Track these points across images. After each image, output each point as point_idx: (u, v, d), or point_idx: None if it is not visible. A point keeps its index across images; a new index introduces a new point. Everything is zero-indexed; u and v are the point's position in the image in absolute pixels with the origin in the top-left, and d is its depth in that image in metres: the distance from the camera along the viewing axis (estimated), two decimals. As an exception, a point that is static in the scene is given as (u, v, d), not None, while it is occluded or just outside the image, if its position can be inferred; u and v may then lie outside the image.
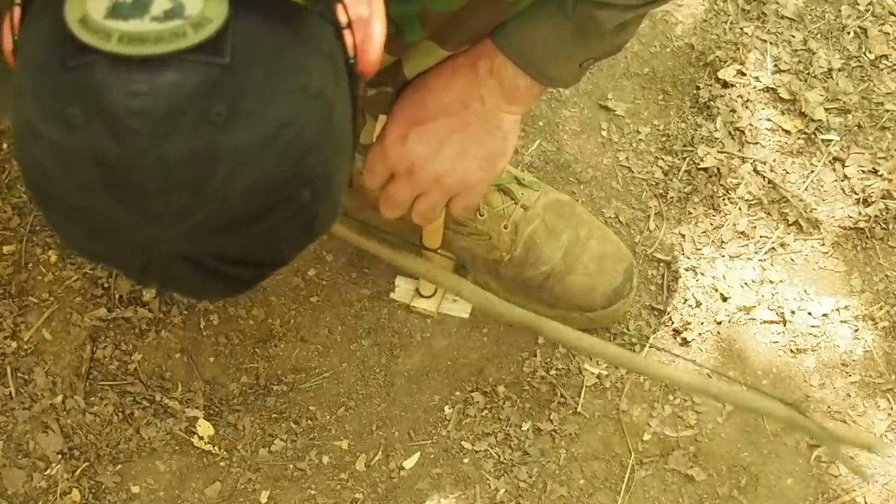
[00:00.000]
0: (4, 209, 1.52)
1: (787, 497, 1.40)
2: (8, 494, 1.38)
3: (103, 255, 0.80)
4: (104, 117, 0.69)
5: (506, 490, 1.40)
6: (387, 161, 1.15)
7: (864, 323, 1.49)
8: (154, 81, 0.69)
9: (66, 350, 1.45)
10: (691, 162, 1.58)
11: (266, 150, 0.72)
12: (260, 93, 0.71)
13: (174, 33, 0.69)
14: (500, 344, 1.48)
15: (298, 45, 0.74)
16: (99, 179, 0.71)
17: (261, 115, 0.72)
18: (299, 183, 0.76)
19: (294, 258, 0.84)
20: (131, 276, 0.81)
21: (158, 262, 0.76)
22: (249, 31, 0.71)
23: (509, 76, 1.09)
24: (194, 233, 0.73)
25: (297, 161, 0.74)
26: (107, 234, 0.75)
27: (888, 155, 1.59)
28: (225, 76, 0.70)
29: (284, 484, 1.40)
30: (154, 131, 0.69)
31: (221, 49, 0.70)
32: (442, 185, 1.14)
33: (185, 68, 0.69)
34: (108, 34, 0.69)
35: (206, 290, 0.82)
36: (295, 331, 1.48)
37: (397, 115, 1.13)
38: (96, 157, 0.70)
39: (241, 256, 0.78)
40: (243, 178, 0.72)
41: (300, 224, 0.78)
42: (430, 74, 1.12)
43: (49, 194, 0.75)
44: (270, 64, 0.72)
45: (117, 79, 0.69)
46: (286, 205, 0.76)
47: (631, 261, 1.46)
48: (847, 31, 1.67)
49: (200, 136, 0.70)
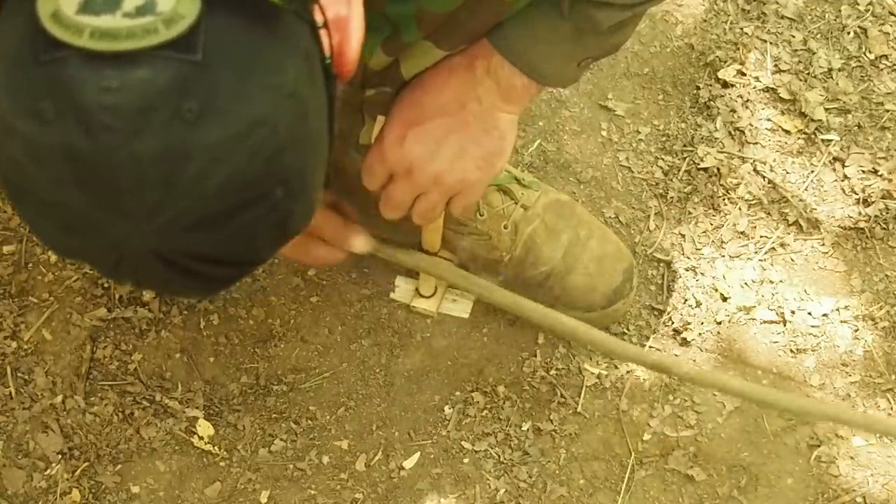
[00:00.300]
0: (4, 209, 1.52)
1: (787, 497, 1.40)
2: (8, 494, 1.38)
3: (76, 251, 0.80)
4: (76, 113, 0.69)
5: (506, 490, 1.40)
6: (385, 162, 1.15)
7: (864, 323, 1.49)
8: (125, 77, 0.69)
9: (66, 350, 1.45)
10: (691, 162, 1.58)
11: (238, 147, 0.72)
12: (232, 90, 0.71)
13: (146, 29, 0.68)
14: (500, 344, 1.48)
15: (273, 44, 0.74)
16: (71, 175, 0.71)
17: (233, 113, 0.72)
18: (272, 181, 0.75)
19: (269, 258, 0.84)
20: (105, 272, 0.81)
21: (130, 258, 0.76)
22: (222, 28, 0.71)
23: (506, 76, 1.09)
24: (166, 230, 0.73)
25: (270, 159, 0.74)
26: (79, 230, 0.75)
27: (888, 155, 1.59)
28: (196, 73, 0.70)
29: (284, 484, 1.40)
30: (125, 127, 0.69)
31: (193, 46, 0.70)
32: (441, 185, 1.15)
33: (157, 65, 0.69)
34: (80, 29, 0.68)
35: (179, 288, 0.82)
36: (295, 331, 1.48)
37: (395, 115, 1.13)
38: (68, 153, 0.70)
39: (213, 254, 0.78)
40: (215, 175, 0.72)
41: (273, 222, 0.78)
42: (427, 75, 1.12)
43: (22, 189, 0.75)
44: (243, 62, 0.72)
45: (89, 74, 0.69)
46: (259, 203, 0.75)
47: (631, 261, 1.46)
48: (847, 31, 1.67)
49: (172, 132, 0.70)
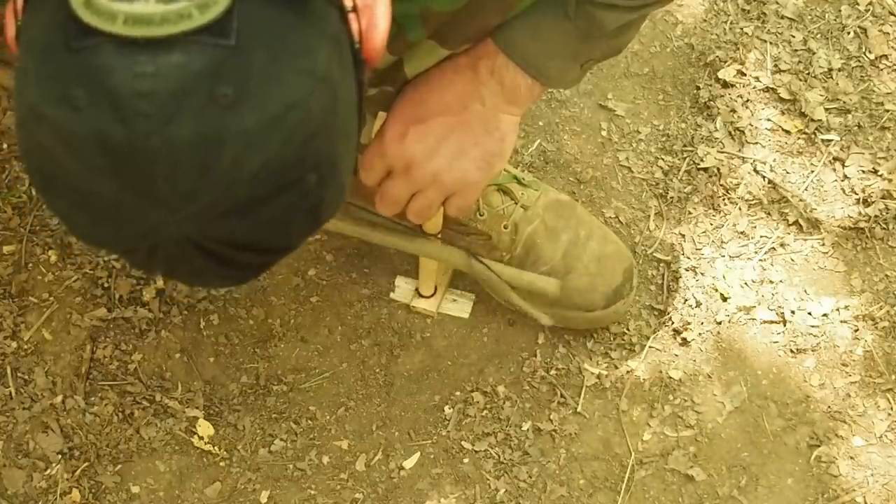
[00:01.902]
0: (4, 209, 1.52)
1: (787, 497, 1.40)
2: (8, 494, 1.38)
3: (109, 240, 0.79)
4: (109, 99, 0.69)
5: (506, 490, 1.40)
6: (385, 158, 1.15)
7: (864, 323, 1.49)
8: (160, 63, 0.69)
9: (66, 350, 1.45)
10: (691, 162, 1.58)
11: (272, 132, 0.72)
12: (266, 74, 0.71)
13: (180, 15, 0.68)
14: (500, 344, 1.48)
15: (303, 27, 0.74)
16: (104, 162, 0.71)
17: (267, 97, 0.71)
18: (305, 167, 0.75)
19: (300, 244, 0.84)
20: (137, 262, 0.81)
21: (164, 247, 0.76)
22: (254, 12, 0.71)
23: (510, 77, 1.09)
24: (201, 217, 0.73)
25: (303, 144, 0.74)
26: (112, 219, 0.75)
27: (888, 155, 1.59)
28: (231, 58, 0.70)
29: (284, 484, 1.40)
30: (160, 113, 0.69)
31: (227, 30, 0.69)
32: (438, 183, 1.15)
33: (191, 50, 0.69)
34: (114, 16, 0.68)
35: (211, 276, 0.81)
36: (295, 331, 1.48)
37: (397, 112, 1.13)
38: (101, 140, 0.70)
39: (247, 241, 0.77)
40: (250, 161, 0.72)
41: (306, 208, 0.78)
42: (431, 73, 1.12)
43: (53, 179, 0.75)
44: (276, 45, 0.72)
45: (122, 60, 0.69)
46: (292, 189, 0.75)
47: (631, 261, 1.46)
48: (847, 31, 1.67)
49: (207, 118, 0.70)
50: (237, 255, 0.78)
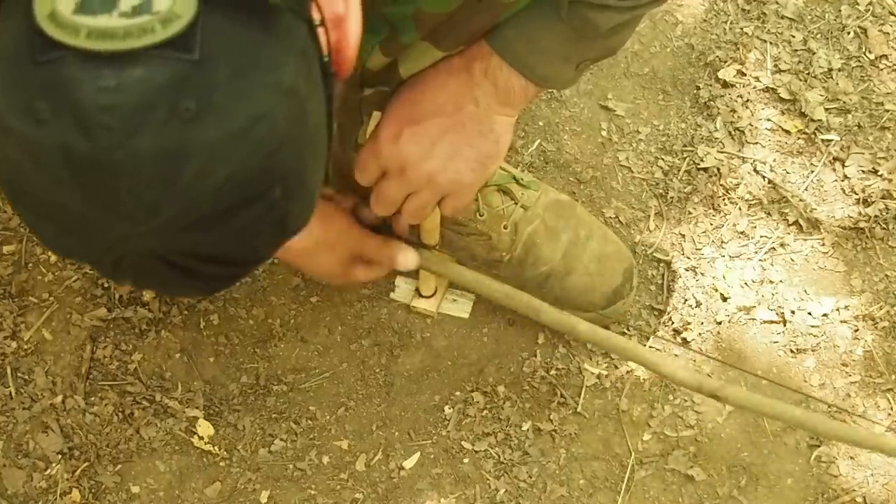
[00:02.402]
0: (4, 209, 1.52)
1: (787, 497, 1.40)
2: (8, 494, 1.38)
3: (75, 251, 0.79)
4: (73, 113, 0.69)
5: (506, 490, 1.40)
6: (379, 158, 1.15)
7: (864, 323, 1.49)
8: (123, 77, 0.69)
9: (66, 350, 1.45)
10: (691, 162, 1.58)
11: (236, 145, 0.72)
12: (230, 88, 0.71)
13: (143, 29, 0.68)
14: (500, 344, 1.48)
15: (270, 42, 0.74)
16: (68, 175, 0.71)
17: (231, 111, 0.71)
18: (271, 180, 0.75)
19: (268, 256, 0.84)
20: (104, 272, 0.81)
21: (129, 259, 0.76)
22: (219, 26, 0.71)
23: (504, 78, 1.09)
24: (165, 230, 0.73)
25: (269, 157, 0.74)
26: (78, 231, 0.75)
27: (888, 155, 1.59)
28: (194, 72, 0.70)
29: (284, 484, 1.40)
30: (123, 127, 0.69)
31: (190, 45, 0.69)
32: (433, 184, 1.15)
33: (154, 64, 0.69)
34: (77, 29, 0.68)
35: (179, 287, 0.81)
36: (295, 331, 1.48)
37: (391, 113, 1.14)
38: (65, 153, 0.70)
39: (212, 254, 0.77)
40: (214, 174, 0.72)
41: (272, 221, 0.78)
42: (425, 74, 1.12)
43: (20, 190, 0.75)
44: (241, 60, 0.72)
45: (86, 74, 0.69)
46: (258, 202, 0.75)
47: (631, 261, 1.46)
48: (847, 31, 1.67)
49: (170, 131, 0.70)
50: (203, 267, 0.78)
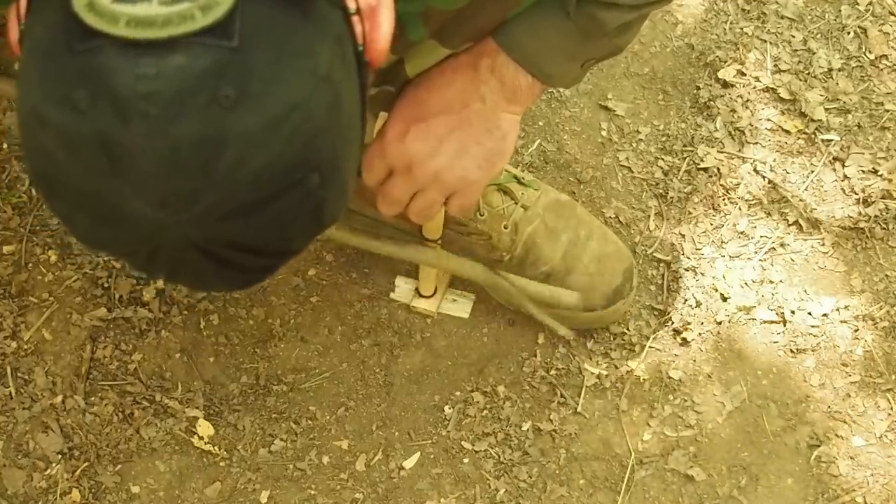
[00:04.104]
0: (4, 209, 1.51)
1: (787, 497, 1.40)
2: (8, 494, 1.38)
3: (110, 243, 0.79)
4: (112, 101, 0.69)
5: (506, 490, 1.40)
6: (386, 157, 1.15)
7: (864, 323, 1.49)
8: (162, 65, 0.68)
9: (66, 350, 1.45)
10: (691, 162, 1.58)
11: (274, 133, 0.72)
12: (268, 75, 0.71)
13: (182, 16, 0.68)
14: (500, 344, 1.48)
15: (306, 28, 0.74)
16: (106, 164, 0.71)
17: (269, 98, 0.71)
18: (308, 167, 0.75)
19: (303, 248, 0.84)
20: (138, 265, 0.81)
21: (166, 249, 0.75)
22: (257, 13, 0.71)
23: (511, 75, 1.09)
24: (203, 218, 0.73)
25: (306, 145, 0.74)
26: (114, 221, 0.74)
27: (888, 155, 1.59)
28: (233, 59, 0.70)
29: (284, 484, 1.40)
30: (162, 115, 0.69)
31: (230, 32, 0.69)
32: (440, 182, 1.14)
33: (194, 51, 0.69)
34: (116, 18, 0.68)
35: (214, 279, 0.81)
36: (295, 331, 1.48)
37: (398, 111, 1.13)
38: (103, 141, 0.70)
39: (249, 244, 0.77)
40: (252, 162, 0.72)
41: (308, 210, 0.78)
42: (431, 72, 1.12)
43: (55, 181, 0.74)
44: (278, 46, 0.72)
45: (125, 62, 0.69)
46: (294, 190, 0.75)
47: (631, 261, 1.46)
48: (847, 31, 1.67)
49: (209, 119, 0.70)
50: (239, 257, 0.78)
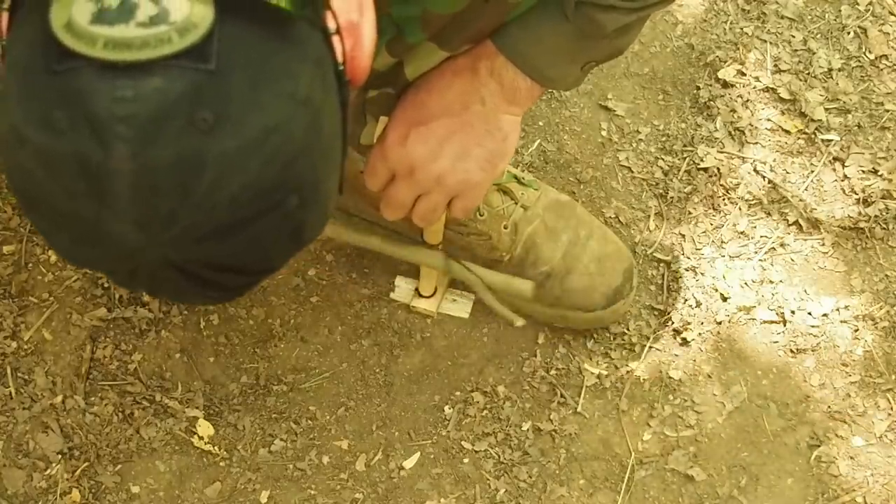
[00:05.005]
0: (4, 209, 1.52)
1: (787, 497, 1.41)
2: (8, 494, 1.38)
3: (90, 261, 0.79)
4: (90, 122, 0.69)
5: (506, 490, 1.40)
6: (388, 162, 1.15)
7: (864, 323, 1.49)
8: (139, 87, 0.68)
9: (66, 350, 1.45)
10: (691, 162, 1.58)
11: (252, 155, 0.72)
12: (246, 98, 0.71)
13: (159, 39, 0.68)
14: (500, 344, 1.48)
15: (285, 51, 0.74)
16: (84, 185, 0.70)
17: (247, 121, 0.71)
18: (286, 189, 0.75)
19: (283, 265, 0.83)
20: (119, 281, 0.81)
21: (146, 268, 0.76)
22: (235, 36, 0.71)
23: (510, 77, 1.09)
24: (180, 240, 0.73)
25: (284, 167, 0.74)
26: (92, 241, 0.74)
27: (888, 155, 1.59)
28: (210, 82, 0.70)
29: (284, 484, 1.40)
30: (139, 137, 0.69)
31: (207, 55, 0.69)
32: (442, 185, 1.15)
33: (171, 74, 0.69)
34: (94, 39, 0.68)
35: (194, 296, 0.81)
36: (295, 331, 1.48)
37: (398, 115, 1.13)
38: (81, 163, 0.70)
39: (228, 264, 0.77)
40: (229, 185, 0.72)
41: (288, 231, 0.78)
42: (431, 75, 1.12)
43: (35, 199, 0.75)
44: (256, 69, 0.72)
45: (103, 84, 0.68)
46: (273, 212, 0.75)
47: (631, 261, 1.46)
48: (847, 31, 1.67)
49: (186, 142, 0.70)
50: (219, 276, 0.78)
